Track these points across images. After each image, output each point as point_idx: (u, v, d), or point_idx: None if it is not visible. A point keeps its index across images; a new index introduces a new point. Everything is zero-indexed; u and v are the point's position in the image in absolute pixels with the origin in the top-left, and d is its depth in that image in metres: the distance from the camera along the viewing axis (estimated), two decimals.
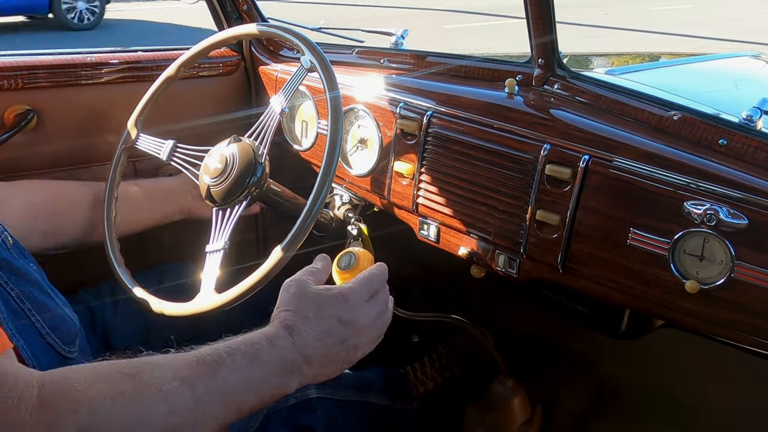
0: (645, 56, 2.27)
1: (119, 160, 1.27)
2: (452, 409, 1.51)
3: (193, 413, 0.66)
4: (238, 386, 0.70)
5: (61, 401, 0.60)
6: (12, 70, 1.30)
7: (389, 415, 1.23)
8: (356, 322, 0.82)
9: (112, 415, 0.61)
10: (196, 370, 0.68)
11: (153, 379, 0.65)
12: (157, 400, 0.64)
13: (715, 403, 1.34)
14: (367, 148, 1.31)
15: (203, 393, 0.67)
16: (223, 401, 0.68)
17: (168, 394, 0.65)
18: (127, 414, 0.62)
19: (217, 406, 0.68)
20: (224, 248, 1.04)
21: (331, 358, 0.80)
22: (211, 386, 0.68)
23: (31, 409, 0.58)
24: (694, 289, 0.90)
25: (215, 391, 0.68)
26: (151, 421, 0.63)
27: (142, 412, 0.63)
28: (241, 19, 1.54)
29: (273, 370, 0.74)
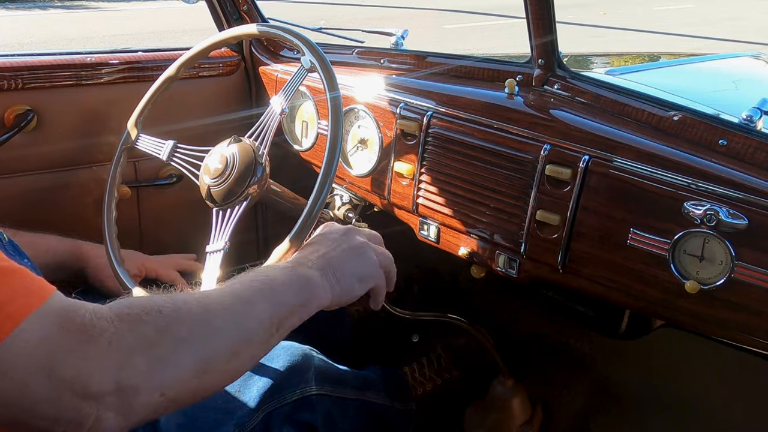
0: (645, 56, 2.27)
1: (119, 161, 1.27)
2: (451, 410, 1.51)
3: (242, 304, 0.72)
4: (268, 282, 0.77)
5: (133, 310, 0.64)
6: (12, 70, 1.30)
7: (388, 414, 1.23)
8: (358, 231, 0.91)
9: (179, 312, 0.66)
10: (229, 284, 0.76)
11: (200, 293, 0.74)
12: (210, 302, 0.71)
13: (714, 402, 1.34)
14: (368, 148, 1.31)
15: (243, 290, 0.74)
16: (262, 293, 0.75)
17: (216, 296, 0.72)
18: (191, 312, 0.67)
19: (259, 298, 0.74)
20: (224, 248, 1.04)
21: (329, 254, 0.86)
22: (246, 286, 0.75)
23: (111, 320, 0.61)
24: (694, 290, 0.90)
25: (252, 288, 0.75)
26: (211, 312, 0.69)
27: (201, 308, 0.69)
28: (242, 20, 1.54)
29: (288, 267, 0.82)
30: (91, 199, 1.43)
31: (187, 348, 0.65)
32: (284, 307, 0.76)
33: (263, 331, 0.73)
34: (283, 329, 0.76)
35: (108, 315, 0.62)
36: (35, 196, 1.38)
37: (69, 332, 0.58)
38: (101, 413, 0.59)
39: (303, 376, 1.05)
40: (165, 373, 0.63)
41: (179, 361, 0.64)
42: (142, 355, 0.61)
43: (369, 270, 0.89)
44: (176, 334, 0.65)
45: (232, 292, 0.73)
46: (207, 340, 0.67)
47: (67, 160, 1.41)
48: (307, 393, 1.05)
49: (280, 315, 0.75)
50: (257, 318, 0.73)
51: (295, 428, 1.02)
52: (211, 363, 0.67)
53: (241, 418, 0.98)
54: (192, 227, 1.27)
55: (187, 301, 0.69)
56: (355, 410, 1.14)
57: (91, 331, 0.59)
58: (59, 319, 0.59)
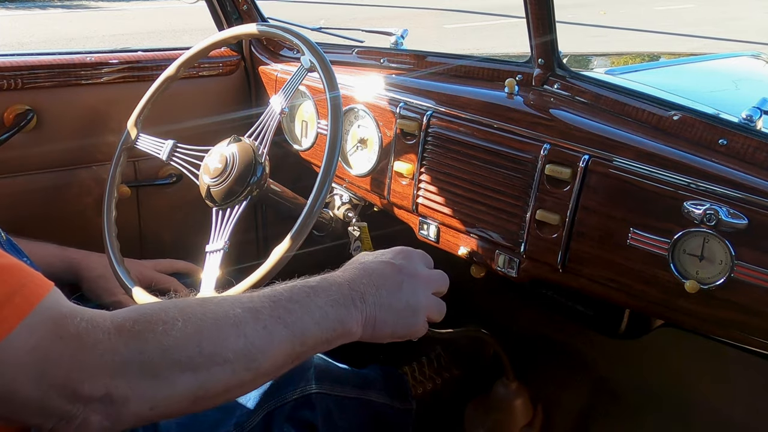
0: (645, 56, 2.27)
1: (119, 160, 1.27)
2: (451, 409, 1.51)
3: (261, 336, 0.67)
4: (298, 314, 0.71)
5: (136, 324, 0.61)
6: (12, 70, 1.30)
7: (388, 413, 1.23)
8: (410, 268, 0.83)
9: (187, 334, 0.62)
10: (258, 300, 0.70)
11: (218, 307, 0.67)
12: (227, 323, 0.65)
13: (714, 402, 1.34)
14: (367, 148, 1.31)
15: (267, 318, 0.68)
16: (287, 327, 0.69)
17: (236, 318, 0.66)
18: (200, 332, 0.63)
19: (282, 332, 0.68)
20: (224, 248, 1.04)
21: (386, 300, 0.79)
22: (274, 313, 0.69)
23: (107, 332, 0.59)
24: (694, 289, 0.90)
25: (278, 317, 0.69)
26: (224, 340, 0.64)
27: (215, 331, 0.64)
28: (241, 19, 1.54)
29: (327, 300, 0.74)
30: (91, 199, 1.43)
31: (187, 374, 0.62)
32: (305, 344, 0.71)
33: (273, 368, 0.69)
34: (296, 362, 0.72)
35: (105, 326, 0.60)
36: (35, 195, 1.38)
37: (62, 339, 0.58)
38: (89, 415, 0.59)
39: (303, 375, 1.05)
40: (157, 392, 0.61)
41: (176, 384, 0.62)
42: (135, 371, 0.60)
43: (408, 333, 0.84)
44: (178, 357, 0.62)
45: (256, 315, 0.67)
46: (209, 370, 0.63)
47: (66, 159, 1.41)
48: (307, 391, 1.05)
49: (297, 352, 0.70)
50: (271, 354, 0.68)
51: (295, 427, 1.02)
52: (208, 390, 0.64)
53: (241, 417, 0.98)
54: (192, 227, 1.27)
55: (202, 321, 0.64)
56: (355, 409, 1.14)
57: (84, 340, 0.58)
58: (53, 325, 0.58)
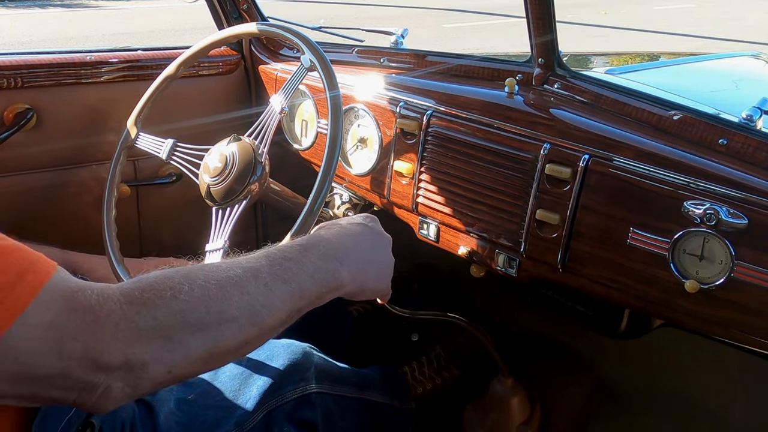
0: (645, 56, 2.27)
1: (119, 159, 1.27)
2: (451, 409, 1.51)
3: (263, 293, 0.71)
4: (294, 270, 0.75)
5: (144, 292, 0.63)
6: (12, 69, 1.30)
7: (387, 412, 1.23)
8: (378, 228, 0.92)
9: (194, 296, 0.65)
10: (255, 260, 0.74)
11: (219, 269, 0.71)
12: (229, 283, 0.69)
13: (714, 402, 1.34)
14: (367, 147, 1.31)
15: (267, 275, 0.72)
16: (285, 283, 0.73)
17: (236, 278, 0.70)
18: (206, 295, 0.66)
19: (281, 287, 0.73)
20: (224, 247, 1.04)
21: (366, 255, 0.86)
22: (271, 271, 0.73)
23: (119, 302, 0.61)
24: (694, 289, 0.90)
25: (275, 274, 0.73)
26: (229, 299, 0.68)
27: (219, 291, 0.67)
28: (241, 18, 1.54)
29: (318, 254, 0.79)
30: (91, 198, 1.43)
31: (198, 334, 0.65)
32: (303, 298, 0.76)
33: (277, 322, 0.73)
34: (296, 316, 0.76)
35: (116, 297, 0.62)
36: (35, 194, 1.38)
37: (76, 312, 0.59)
38: (110, 383, 0.60)
39: (303, 375, 1.05)
40: (174, 354, 0.63)
41: (189, 345, 0.64)
42: (151, 337, 0.62)
43: (385, 288, 0.91)
44: (189, 319, 0.64)
45: (256, 275, 0.72)
46: (219, 328, 0.67)
47: (66, 158, 1.41)
48: (307, 391, 1.05)
49: (297, 305, 0.75)
50: (274, 308, 0.72)
51: (295, 426, 1.02)
52: (220, 348, 0.67)
53: (242, 417, 0.98)
54: (191, 226, 1.27)
55: (206, 284, 0.67)
56: (354, 409, 1.14)
57: (98, 311, 0.60)
58: (65, 301, 0.59)
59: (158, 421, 0.93)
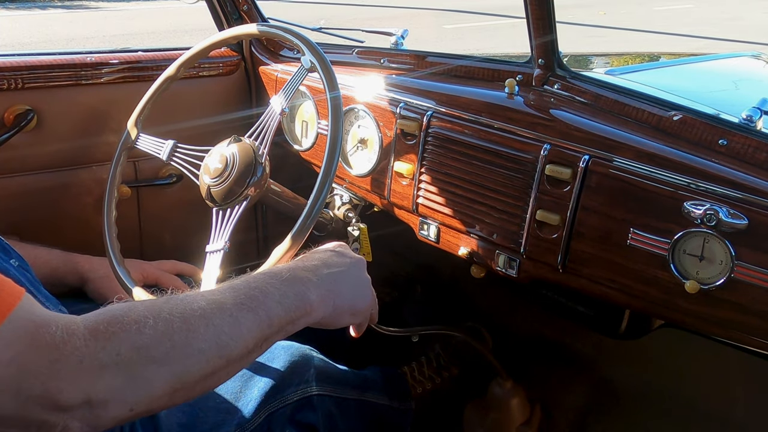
0: (645, 56, 2.27)
1: (119, 160, 1.27)
2: (451, 409, 1.51)
3: (228, 323, 0.69)
4: (260, 298, 0.74)
5: (110, 326, 0.62)
6: (12, 70, 1.30)
7: (388, 413, 1.23)
8: (349, 252, 0.91)
9: (158, 330, 0.64)
10: (219, 292, 0.73)
11: (185, 303, 0.69)
12: (193, 315, 0.67)
13: (714, 402, 1.34)
14: (367, 148, 1.31)
15: (232, 305, 0.71)
16: (252, 310, 0.72)
17: (202, 311, 0.68)
18: (171, 328, 0.65)
19: (247, 316, 0.71)
20: (224, 248, 1.04)
21: (337, 275, 0.84)
22: (236, 300, 0.72)
23: (83, 338, 0.59)
24: (694, 289, 0.90)
25: (242, 303, 0.71)
26: (194, 331, 0.66)
27: (183, 324, 0.66)
28: (242, 19, 1.54)
29: (283, 280, 0.78)
30: (91, 199, 1.43)
31: (162, 369, 0.63)
32: (272, 326, 0.74)
33: (245, 352, 0.71)
34: (266, 346, 0.74)
35: (81, 332, 0.60)
36: (35, 196, 1.38)
37: (39, 349, 0.57)
38: (68, 422, 0.58)
39: (303, 377, 1.05)
40: (137, 391, 0.61)
41: (153, 381, 0.63)
42: (114, 373, 0.60)
43: (365, 307, 0.89)
44: (153, 353, 0.63)
45: (221, 306, 0.70)
46: (184, 362, 0.65)
47: (67, 159, 1.41)
48: (308, 393, 1.05)
49: (265, 334, 0.73)
50: (241, 338, 0.70)
51: (296, 429, 1.02)
52: (185, 383, 0.65)
53: (243, 419, 0.98)
54: (192, 227, 1.27)
55: (170, 317, 0.66)
56: (355, 410, 1.14)
57: (62, 349, 0.58)
58: (30, 336, 0.57)
59: (159, 423, 0.93)
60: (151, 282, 1.23)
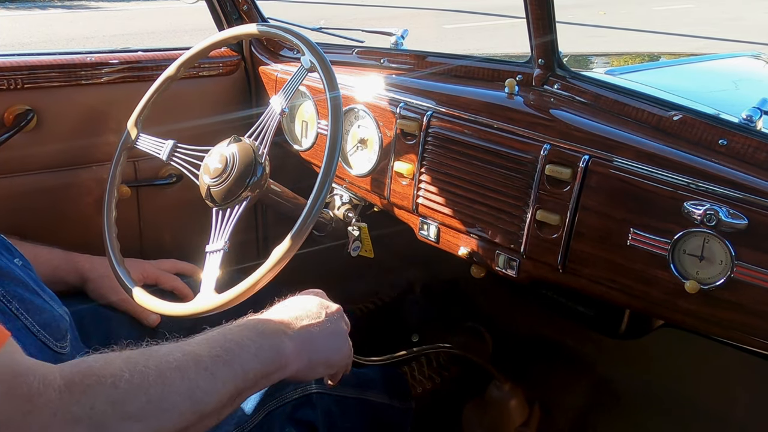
0: (645, 56, 2.27)
1: (119, 160, 1.27)
2: (450, 409, 1.51)
3: (203, 377, 0.70)
4: (235, 351, 0.75)
5: (85, 379, 0.62)
6: (12, 70, 1.30)
7: (388, 412, 1.23)
8: (323, 302, 0.92)
9: (134, 384, 0.64)
10: (195, 343, 0.74)
11: (160, 355, 0.70)
12: (169, 368, 0.68)
13: (714, 403, 1.34)
14: (367, 148, 1.31)
15: (207, 358, 0.72)
16: (227, 364, 0.73)
17: (178, 363, 0.69)
18: (147, 382, 0.65)
19: (223, 369, 0.72)
20: (224, 248, 1.04)
21: (312, 328, 0.86)
22: (212, 353, 0.73)
23: (59, 390, 0.60)
24: (694, 290, 0.90)
25: (217, 356, 0.73)
26: (169, 386, 0.67)
27: (158, 378, 0.67)
28: (241, 19, 1.54)
29: (258, 332, 0.79)
30: (91, 199, 1.43)
31: (136, 425, 0.63)
32: (247, 380, 0.75)
33: (219, 406, 0.71)
34: (240, 400, 0.75)
35: (57, 383, 0.60)
36: (35, 196, 1.38)
37: (13, 399, 0.57)
38: None
39: None
40: None
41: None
42: (86, 428, 0.60)
43: (340, 359, 0.90)
44: (127, 409, 0.63)
45: (197, 359, 0.71)
46: (159, 417, 0.65)
47: (66, 159, 1.41)
48: (307, 391, 1.05)
49: (240, 387, 0.74)
50: (216, 392, 0.71)
51: (295, 427, 1.02)
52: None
53: (242, 417, 0.98)
54: (192, 227, 1.27)
55: (146, 370, 0.66)
56: (355, 408, 1.14)
57: (36, 401, 0.58)
58: (5, 385, 0.57)
59: None
60: (151, 282, 1.23)
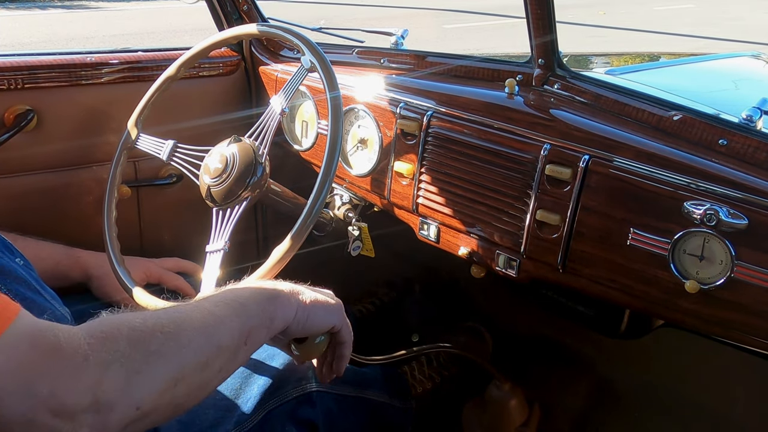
0: (645, 56, 2.27)
1: (119, 160, 1.27)
2: (450, 409, 1.51)
3: (211, 316, 0.74)
4: (231, 296, 0.79)
5: (104, 327, 0.64)
6: (12, 70, 1.30)
7: (387, 411, 1.23)
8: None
9: (148, 326, 0.67)
10: (196, 301, 0.78)
11: (166, 308, 0.75)
12: (176, 313, 0.73)
13: (714, 402, 1.34)
14: (367, 148, 1.31)
15: (208, 304, 0.76)
16: (229, 305, 0.77)
17: (182, 310, 0.74)
18: (159, 323, 0.68)
19: (226, 310, 0.76)
20: (224, 248, 1.04)
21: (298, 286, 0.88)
22: (212, 301, 0.77)
23: (84, 338, 0.62)
24: (694, 289, 0.90)
25: (216, 302, 0.77)
26: (180, 323, 0.70)
27: (169, 321, 0.70)
28: (242, 19, 1.54)
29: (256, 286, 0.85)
30: (92, 199, 1.43)
31: (160, 360, 0.66)
32: (252, 319, 0.78)
33: (232, 343, 0.74)
34: (251, 342, 0.78)
35: (80, 334, 0.62)
36: (35, 196, 1.38)
37: (43, 352, 0.59)
38: (77, 430, 0.59)
39: (303, 374, 1.06)
40: (140, 387, 0.63)
41: (153, 374, 0.65)
42: (117, 370, 0.62)
43: (334, 307, 0.91)
44: (149, 347, 0.66)
45: (200, 308, 0.75)
46: (179, 352, 0.68)
47: (67, 160, 1.41)
48: (307, 390, 1.05)
49: (247, 327, 0.77)
50: (226, 330, 0.74)
51: (295, 425, 1.03)
52: (183, 373, 0.68)
53: (242, 416, 0.99)
54: (192, 227, 1.27)
55: (158, 316, 0.70)
56: (355, 407, 1.14)
57: (66, 350, 0.60)
58: (31, 340, 0.59)
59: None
60: (154, 280, 1.24)
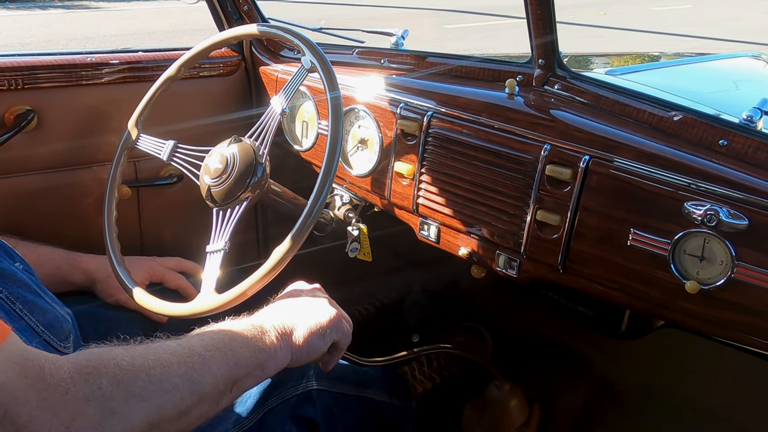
0: (645, 56, 2.26)
1: (120, 161, 1.27)
2: (451, 409, 1.51)
3: (198, 361, 0.74)
4: (225, 340, 0.79)
5: (91, 362, 0.65)
6: (12, 70, 1.30)
7: (388, 411, 1.23)
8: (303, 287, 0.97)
9: (135, 366, 0.68)
10: (186, 339, 0.78)
11: (158, 345, 0.75)
12: (165, 353, 0.72)
13: (714, 402, 1.34)
14: (368, 148, 1.31)
15: (200, 347, 0.76)
16: (219, 350, 0.77)
17: (171, 350, 0.74)
18: (147, 364, 0.69)
19: (215, 354, 0.76)
20: (224, 249, 1.04)
21: (291, 313, 0.89)
22: (203, 343, 0.77)
23: (69, 371, 0.62)
24: (695, 290, 0.90)
25: (208, 345, 0.77)
26: (167, 366, 0.71)
27: (157, 361, 0.70)
28: (242, 20, 1.54)
29: (245, 321, 0.85)
30: (92, 199, 1.43)
31: (140, 404, 0.66)
32: (241, 368, 0.78)
33: (216, 392, 0.75)
34: (237, 389, 0.78)
35: (66, 366, 0.63)
36: (35, 196, 1.38)
37: (28, 378, 0.59)
38: None
39: (303, 372, 1.06)
40: (114, 428, 0.64)
41: (130, 416, 0.65)
42: (95, 407, 0.62)
43: (332, 323, 0.92)
44: (132, 389, 0.66)
45: (191, 348, 0.75)
46: (160, 397, 0.68)
47: (67, 160, 1.41)
48: (307, 389, 1.05)
49: (235, 376, 0.77)
50: (212, 378, 0.74)
51: (295, 424, 1.03)
52: (160, 419, 0.68)
53: (242, 415, 0.99)
54: (192, 227, 1.27)
55: (145, 355, 0.70)
56: (355, 406, 1.14)
57: (49, 381, 0.60)
58: (18, 366, 0.59)
59: None
60: (156, 279, 1.24)
